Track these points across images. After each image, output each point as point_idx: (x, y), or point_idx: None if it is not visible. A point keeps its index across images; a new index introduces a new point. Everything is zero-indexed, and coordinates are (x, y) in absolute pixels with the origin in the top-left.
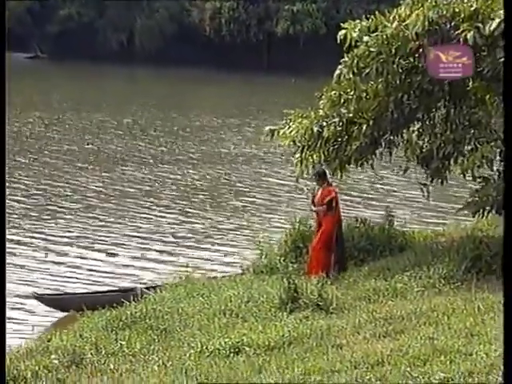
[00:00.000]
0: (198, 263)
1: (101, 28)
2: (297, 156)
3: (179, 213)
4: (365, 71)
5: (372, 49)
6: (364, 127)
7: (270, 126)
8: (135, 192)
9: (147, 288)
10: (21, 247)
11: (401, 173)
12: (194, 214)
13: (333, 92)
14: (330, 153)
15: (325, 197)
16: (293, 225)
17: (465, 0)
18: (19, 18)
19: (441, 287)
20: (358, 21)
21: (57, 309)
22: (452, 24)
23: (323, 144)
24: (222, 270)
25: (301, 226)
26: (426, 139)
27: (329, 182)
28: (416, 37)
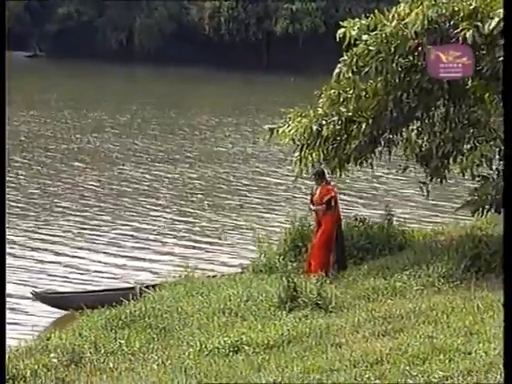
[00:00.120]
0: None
1: (100, 27)
2: (296, 155)
3: (177, 212)
4: (364, 70)
5: (371, 47)
6: (363, 126)
7: (270, 125)
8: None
9: (146, 287)
10: (17, 247)
11: (400, 172)
12: (193, 214)
13: (332, 91)
14: (330, 151)
15: (324, 196)
16: (292, 224)
17: None
18: (18, 17)
19: (440, 286)
20: (358, 19)
21: (56, 307)
22: (451, 23)
23: (322, 143)
24: (220, 270)
25: (300, 225)
26: (426, 138)
27: (327, 181)
28: (415, 35)
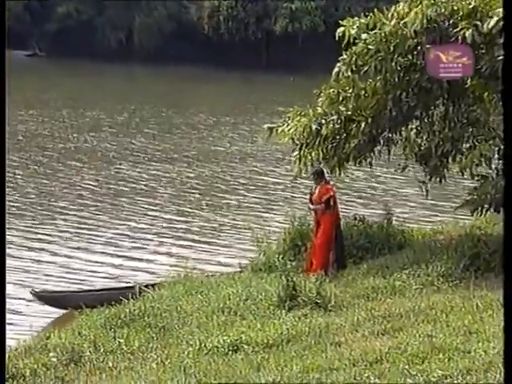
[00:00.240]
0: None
1: (99, 26)
2: (295, 154)
3: (175, 211)
4: (363, 69)
5: (370, 46)
6: (362, 125)
7: (269, 124)
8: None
9: (146, 286)
10: (14, 247)
11: (399, 171)
12: (191, 213)
13: (331, 90)
14: (329, 150)
15: (322, 195)
16: (291, 223)
17: None
18: (18, 16)
19: (439, 285)
20: (357, 18)
21: (55, 307)
22: (450, 22)
23: (322, 142)
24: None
25: (299, 225)
26: (425, 137)
27: (326, 181)
28: (414, 34)
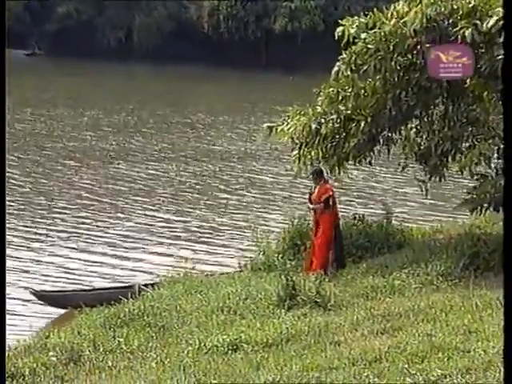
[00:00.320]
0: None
1: (99, 26)
2: (295, 153)
3: (173, 210)
4: (363, 68)
5: (370, 46)
6: (362, 124)
7: (268, 123)
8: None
9: (145, 285)
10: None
11: (399, 170)
12: (190, 213)
13: (331, 89)
14: (328, 150)
15: (322, 195)
16: (291, 222)
17: None
18: (18, 16)
19: (439, 284)
20: (356, 18)
21: (55, 306)
22: (450, 21)
23: (321, 141)
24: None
25: (299, 224)
26: (424, 136)
27: (325, 180)
28: (414, 34)
